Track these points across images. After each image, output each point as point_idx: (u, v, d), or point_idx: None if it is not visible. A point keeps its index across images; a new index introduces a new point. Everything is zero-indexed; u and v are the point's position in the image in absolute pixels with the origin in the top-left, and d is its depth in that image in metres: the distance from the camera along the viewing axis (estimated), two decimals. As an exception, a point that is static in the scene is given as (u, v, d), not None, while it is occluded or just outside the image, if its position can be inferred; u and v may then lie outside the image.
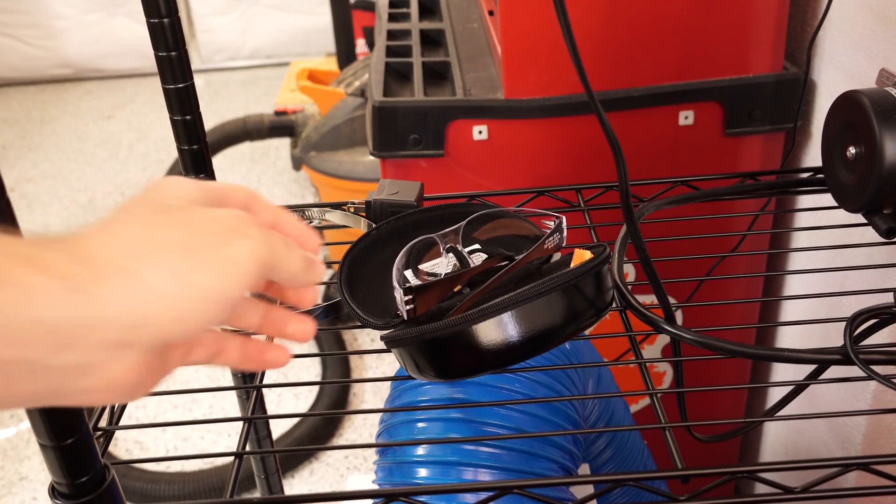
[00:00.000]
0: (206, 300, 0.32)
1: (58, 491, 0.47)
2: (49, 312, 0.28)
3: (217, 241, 0.33)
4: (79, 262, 0.29)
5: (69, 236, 0.31)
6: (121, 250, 0.30)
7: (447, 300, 0.59)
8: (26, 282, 0.27)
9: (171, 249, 0.32)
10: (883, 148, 0.64)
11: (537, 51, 0.98)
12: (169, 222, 0.33)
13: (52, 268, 0.28)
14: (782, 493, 0.48)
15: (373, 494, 0.49)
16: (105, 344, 0.29)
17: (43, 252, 0.29)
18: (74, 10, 3.70)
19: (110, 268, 0.30)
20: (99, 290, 0.29)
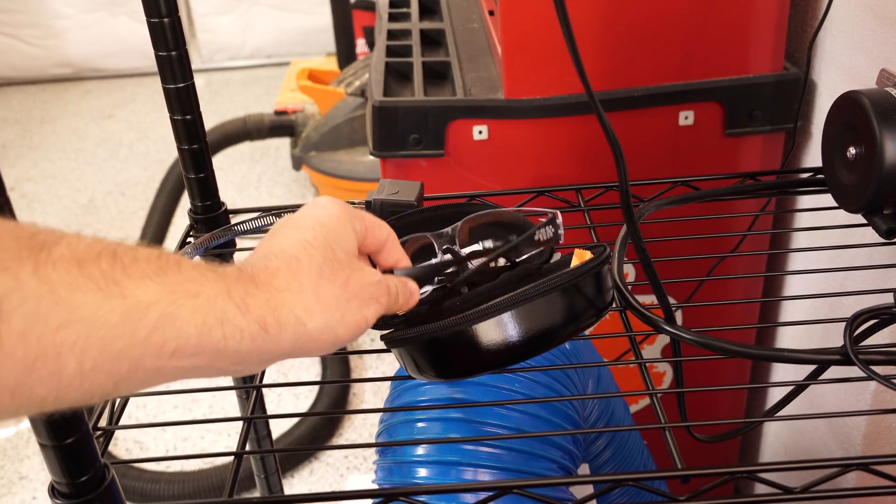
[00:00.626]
0: (340, 343, 0.45)
1: (57, 490, 0.47)
2: (245, 347, 0.39)
3: (361, 304, 0.46)
4: (271, 310, 0.40)
5: (267, 274, 0.42)
6: (299, 303, 0.42)
7: (447, 300, 0.59)
8: (237, 324, 0.38)
9: (330, 307, 0.43)
10: (883, 148, 0.64)
11: (537, 51, 0.98)
12: (335, 281, 0.44)
13: (254, 314, 0.39)
14: (782, 493, 0.48)
15: (372, 494, 0.49)
16: (265, 363, 0.42)
17: (249, 298, 0.39)
18: (75, 9, 3.70)
19: (291, 319, 0.41)
20: (280, 334, 0.40)
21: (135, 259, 0.36)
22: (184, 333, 0.36)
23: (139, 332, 0.35)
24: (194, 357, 0.37)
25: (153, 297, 0.35)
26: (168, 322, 0.36)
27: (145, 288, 0.35)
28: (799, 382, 0.61)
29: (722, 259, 0.99)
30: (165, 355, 0.36)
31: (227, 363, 0.39)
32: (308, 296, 0.42)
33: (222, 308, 0.38)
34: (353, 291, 0.45)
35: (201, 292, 0.37)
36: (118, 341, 0.34)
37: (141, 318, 0.35)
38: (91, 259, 0.34)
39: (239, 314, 0.38)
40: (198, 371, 0.38)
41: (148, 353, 0.35)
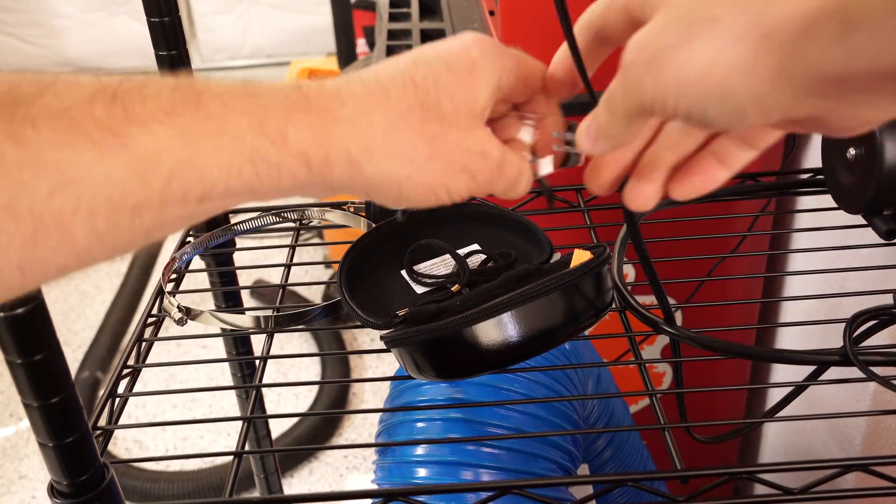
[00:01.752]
0: (404, 201, 0.38)
1: (57, 490, 0.47)
2: (286, 183, 0.34)
3: (445, 169, 0.37)
4: (318, 143, 0.34)
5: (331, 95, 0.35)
6: (359, 140, 0.35)
7: (447, 300, 0.59)
8: (272, 160, 0.33)
9: (399, 158, 0.36)
10: (883, 149, 0.64)
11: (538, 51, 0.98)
12: (420, 132, 0.36)
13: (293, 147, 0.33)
14: (782, 493, 0.48)
15: (372, 494, 0.49)
16: (325, 192, 0.36)
17: (290, 127, 0.33)
18: (75, 8, 3.70)
19: (342, 157, 0.34)
20: (326, 171, 0.34)
21: (141, 98, 0.31)
22: (207, 178, 0.31)
23: (153, 185, 0.30)
24: (228, 198, 0.33)
25: (163, 143, 0.30)
26: (186, 170, 0.31)
27: (153, 133, 0.30)
28: (798, 383, 0.61)
29: (722, 259, 0.99)
30: (193, 202, 0.31)
31: (271, 196, 0.34)
32: (374, 135, 0.35)
33: (252, 145, 0.32)
34: (441, 151, 0.37)
35: (225, 129, 0.32)
36: (129, 197, 0.30)
37: (151, 170, 0.30)
38: (82, 106, 0.29)
39: (273, 149, 0.33)
40: (234, 203, 0.34)
41: (171, 203, 0.31)
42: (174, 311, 0.65)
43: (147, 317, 0.68)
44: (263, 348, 0.64)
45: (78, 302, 2.32)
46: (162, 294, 0.69)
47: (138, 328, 0.67)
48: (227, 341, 0.87)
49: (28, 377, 0.44)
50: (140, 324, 0.67)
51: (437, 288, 0.63)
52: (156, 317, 0.69)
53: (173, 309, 0.65)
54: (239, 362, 0.85)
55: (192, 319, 0.66)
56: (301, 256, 2.19)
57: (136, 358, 0.64)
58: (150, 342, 0.66)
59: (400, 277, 0.65)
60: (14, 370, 0.44)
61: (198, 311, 0.65)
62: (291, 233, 0.80)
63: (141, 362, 0.64)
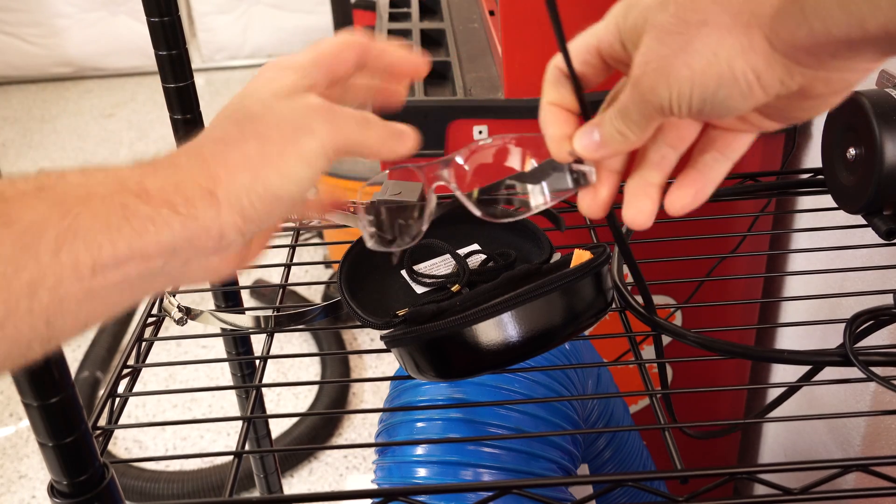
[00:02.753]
0: (277, 201, 0.37)
1: (57, 489, 0.47)
2: (166, 236, 0.34)
3: (284, 143, 0.37)
4: (173, 188, 0.35)
5: (165, 159, 0.37)
6: (202, 172, 0.36)
7: (447, 300, 0.59)
8: (143, 214, 0.34)
9: (243, 166, 0.37)
10: (883, 149, 0.64)
11: (538, 51, 0.98)
12: (243, 136, 0.37)
13: (156, 198, 0.34)
14: (781, 493, 0.48)
15: (372, 494, 0.49)
16: (202, 250, 0.36)
17: (147, 182, 0.34)
18: (75, 8, 3.70)
19: (197, 191, 0.35)
20: (193, 211, 0.35)
21: (10, 183, 0.32)
22: (93, 243, 0.32)
23: (42, 257, 0.31)
24: (119, 267, 0.33)
25: (42, 214, 0.31)
26: (70, 236, 0.31)
27: (31, 207, 0.31)
28: (796, 384, 0.61)
29: (722, 259, 0.99)
30: (86, 275, 0.32)
31: (159, 263, 0.34)
32: (210, 164, 0.36)
33: (121, 203, 0.33)
34: (266, 136, 0.38)
35: (93, 194, 0.33)
36: (22, 273, 0.30)
37: (38, 241, 0.31)
38: None
39: (141, 203, 0.34)
40: (141, 282, 0.34)
41: (64, 278, 0.31)
42: (174, 311, 0.65)
43: (147, 316, 0.68)
44: (263, 348, 0.64)
45: (78, 301, 2.32)
46: (162, 294, 0.69)
47: (138, 328, 0.67)
48: (227, 341, 0.87)
49: (28, 377, 0.44)
50: (140, 323, 0.67)
51: (437, 288, 0.63)
52: (156, 316, 0.69)
53: (173, 309, 0.65)
54: (239, 362, 0.85)
55: (192, 319, 0.66)
56: (301, 256, 2.20)
57: (135, 358, 0.64)
58: (149, 342, 0.66)
59: (400, 277, 0.65)
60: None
61: (198, 310, 0.65)
62: (291, 232, 0.80)
63: (141, 362, 0.64)
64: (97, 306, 0.33)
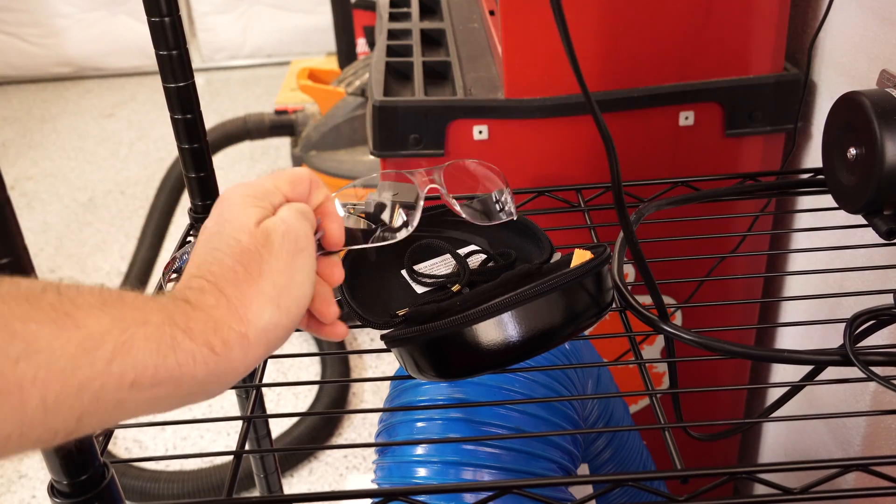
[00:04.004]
0: (298, 316, 0.45)
1: (57, 489, 0.47)
2: (200, 372, 0.39)
3: (289, 272, 0.44)
4: (212, 331, 0.40)
5: (198, 297, 0.41)
6: (234, 317, 0.41)
7: (447, 300, 0.59)
8: (188, 349, 0.38)
9: (262, 307, 0.43)
10: (883, 149, 0.64)
11: (538, 51, 0.98)
12: (250, 277, 0.43)
13: (199, 338, 0.39)
14: (781, 493, 0.48)
15: (372, 494, 0.49)
16: (225, 385, 0.42)
17: (192, 323, 0.39)
18: (75, 8, 3.70)
19: (232, 335, 0.41)
20: (228, 353, 0.40)
21: (79, 292, 0.36)
22: (140, 363, 0.36)
23: (97, 363, 0.35)
24: (154, 388, 0.37)
25: (105, 327, 0.35)
26: (124, 351, 0.36)
27: (96, 318, 0.35)
28: (796, 384, 0.61)
29: (722, 259, 0.99)
30: (125, 387, 0.36)
31: (186, 390, 0.39)
32: (237, 306, 0.42)
33: (171, 335, 0.38)
34: (274, 269, 0.44)
35: (149, 320, 0.37)
36: (78, 373, 0.34)
37: (97, 348, 0.35)
38: (37, 294, 0.34)
39: (187, 339, 0.39)
40: (161, 402, 0.39)
41: (108, 385, 0.35)
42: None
43: (147, 316, 0.68)
44: (263, 348, 0.64)
45: (78, 301, 2.32)
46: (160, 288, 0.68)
47: (138, 328, 0.67)
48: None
49: (28, 377, 0.44)
50: (140, 323, 0.67)
51: (437, 288, 0.63)
52: (156, 316, 0.68)
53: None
54: (239, 362, 0.85)
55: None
56: (301, 256, 2.19)
57: (136, 357, 0.64)
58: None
59: (400, 277, 0.65)
60: (14, 370, 0.43)
61: (198, 310, 0.65)
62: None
63: (141, 362, 0.64)
64: (120, 415, 0.37)
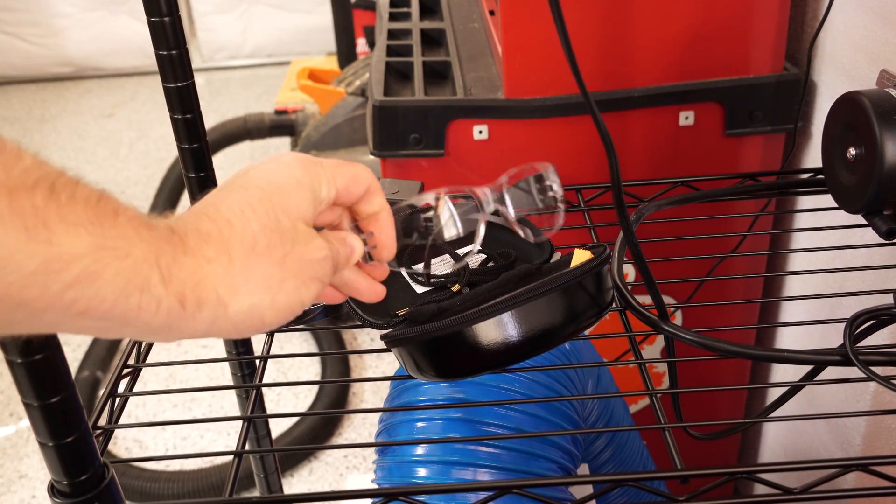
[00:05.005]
0: (265, 328, 0.41)
1: (57, 489, 0.47)
2: (157, 321, 0.36)
3: (298, 285, 0.41)
4: (193, 284, 0.37)
5: (198, 241, 0.38)
6: (225, 280, 0.38)
7: (447, 300, 0.59)
8: (156, 294, 0.35)
9: (259, 289, 0.40)
10: (883, 149, 0.64)
11: (538, 51, 0.98)
12: (270, 257, 0.40)
13: (175, 286, 0.36)
14: (782, 493, 0.48)
15: (372, 494, 0.49)
16: (173, 339, 0.38)
17: (175, 267, 0.36)
18: (75, 8, 3.70)
19: (212, 297, 0.38)
20: (196, 314, 0.37)
21: (72, 198, 0.33)
22: (99, 295, 0.33)
23: (53, 287, 0.32)
24: (100, 320, 0.34)
25: (81, 250, 0.32)
26: (87, 281, 0.33)
27: (75, 236, 0.32)
28: (796, 384, 0.61)
29: (722, 259, 0.99)
30: (72, 314, 0.33)
31: (132, 331, 0.36)
32: (236, 272, 0.39)
33: (146, 275, 0.35)
34: (291, 270, 0.41)
35: (131, 254, 0.34)
36: (26, 291, 0.31)
37: (61, 272, 0.32)
38: (26, 187, 0.31)
39: (161, 284, 0.35)
40: (96, 331, 0.36)
41: (54, 308, 0.32)
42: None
43: (147, 316, 0.68)
44: (263, 348, 0.64)
45: (78, 301, 2.32)
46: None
47: (138, 328, 0.67)
48: (227, 341, 0.87)
49: (28, 376, 0.44)
50: (140, 323, 0.67)
51: (437, 288, 0.63)
52: (156, 316, 0.68)
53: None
54: (239, 362, 0.85)
55: (192, 319, 0.65)
56: (301, 256, 2.19)
57: (136, 357, 0.64)
58: (150, 342, 0.66)
59: (400, 277, 0.64)
60: (14, 369, 0.44)
61: (198, 310, 0.65)
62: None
63: (141, 362, 0.64)
64: (49, 329, 0.34)
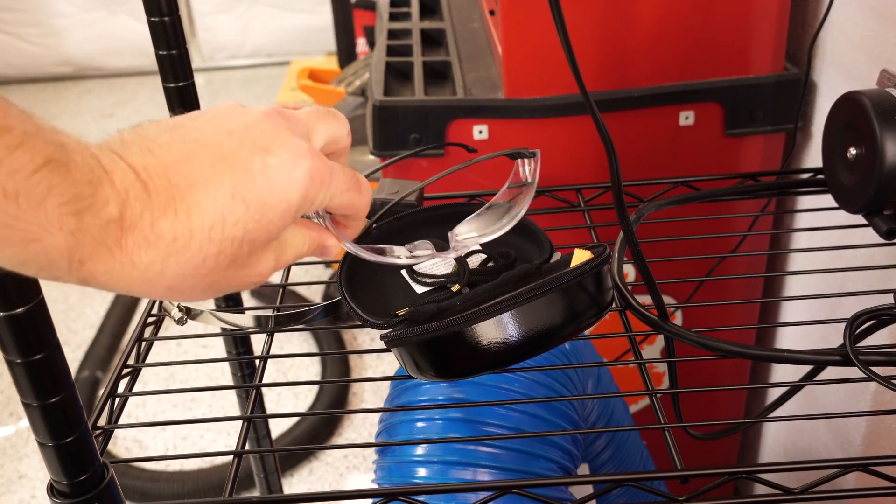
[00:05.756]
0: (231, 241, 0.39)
1: (56, 490, 0.47)
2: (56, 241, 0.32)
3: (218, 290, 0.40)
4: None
5: (150, 144, 0.38)
6: (183, 179, 0.37)
7: (447, 300, 0.59)
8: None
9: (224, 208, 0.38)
10: (884, 149, 0.64)
11: (538, 51, 0.98)
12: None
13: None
14: (782, 493, 0.48)
15: (372, 494, 0.49)
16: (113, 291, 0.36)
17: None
18: (75, 7, 3.70)
19: (170, 203, 0.36)
20: (156, 224, 0.35)
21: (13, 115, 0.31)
22: None
23: None
24: None
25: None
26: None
27: None
28: (796, 384, 0.61)
29: (722, 259, 0.99)
30: None
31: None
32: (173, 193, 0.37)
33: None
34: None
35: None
36: None
37: None
38: None
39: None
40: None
41: None
42: (174, 311, 0.65)
43: (147, 316, 0.68)
44: (263, 348, 0.64)
45: (78, 301, 2.32)
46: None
47: (138, 328, 0.67)
48: (227, 341, 0.87)
49: (28, 377, 0.44)
50: (140, 323, 0.67)
51: (437, 287, 0.63)
52: (156, 316, 0.68)
53: (173, 308, 0.65)
54: (239, 362, 0.85)
55: (192, 319, 0.65)
56: (301, 256, 2.19)
57: (135, 357, 0.64)
58: (149, 342, 0.66)
59: (400, 277, 0.64)
60: (14, 370, 0.44)
61: (198, 310, 0.65)
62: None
63: (141, 362, 0.64)
64: None
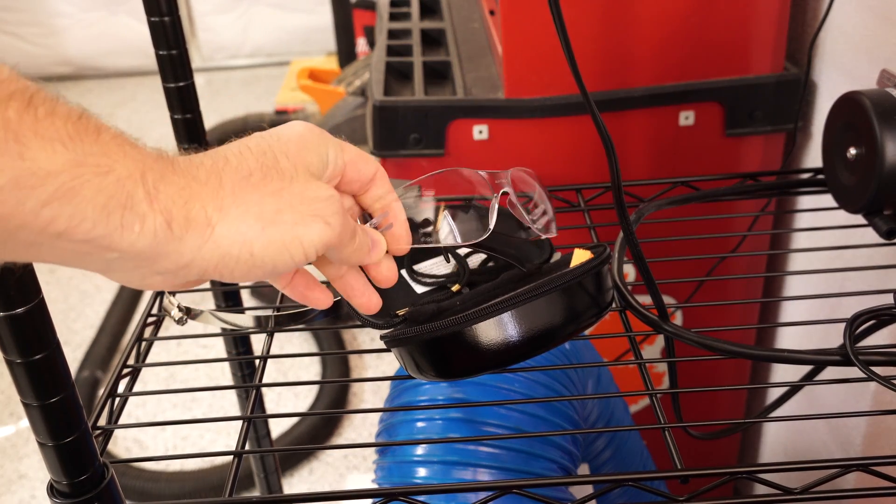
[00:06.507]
0: (258, 267, 0.38)
1: (56, 490, 0.47)
2: (141, 242, 0.34)
3: (297, 220, 0.39)
4: (182, 202, 0.35)
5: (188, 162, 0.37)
6: (215, 199, 0.36)
7: (447, 300, 0.59)
8: (140, 211, 0.33)
9: (249, 215, 0.37)
10: (884, 149, 0.64)
11: (538, 50, 0.98)
12: (264, 188, 0.38)
13: (162, 203, 0.34)
14: (782, 493, 0.48)
15: (372, 494, 0.49)
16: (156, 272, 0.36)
17: (162, 184, 0.35)
18: (75, 7, 3.70)
19: (201, 216, 0.36)
20: (183, 235, 0.35)
21: (51, 113, 0.31)
22: (79, 214, 0.31)
23: (28, 203, 0.30)
24: (81, 243, 0.32)
25: (58, 167, 0.30)
26: (66, 198, 0.30)
27: (52, 152, 0.30)
28: (796, 384, 0.61)
29: (722, 259, 0.99)
30: (49, 234, 0.31)
31: (114, 257, 0.34)
32: (225, 195, 0.37)
33: (130, 192, 0.33)
34: (288, 202, 0.39)
35: (113, 170, 0.32)
36: (1, 206, 0.29)
37: (35, 188, 0.30)
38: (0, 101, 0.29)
39: (145, 201, 0.33)
40: (77, 258, 0.33)
41: (29, 227, 0.30)
42: (174, 311, 0.65)
43: (147, 316, 0.68)
44: (263, 348, 0.64)
45: (78, 302, 2.32)
46: (162, 293, 0.68)
47: (138, 328, 0.67)
48: (227, 341, 0.87)
49: (28, 377, 0.44)
50: (140, 323, 0.67)
51: (437, 287, 0.63)
52: (156, 316, 0.69)
53: (173, 308, 0.65)
54: (239, 362, 0.85)
55: (192, 319, 0.65)
56: (301, 256, 2.19)
57: (135, 357, 0.64)
58: (150, 342, 0.66)
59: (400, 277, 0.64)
60: (14, 370, 0.44)
61: (198, 310, 0.65)
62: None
63: (141, 362, 0.64)
64: (26, 255, 0.33)
